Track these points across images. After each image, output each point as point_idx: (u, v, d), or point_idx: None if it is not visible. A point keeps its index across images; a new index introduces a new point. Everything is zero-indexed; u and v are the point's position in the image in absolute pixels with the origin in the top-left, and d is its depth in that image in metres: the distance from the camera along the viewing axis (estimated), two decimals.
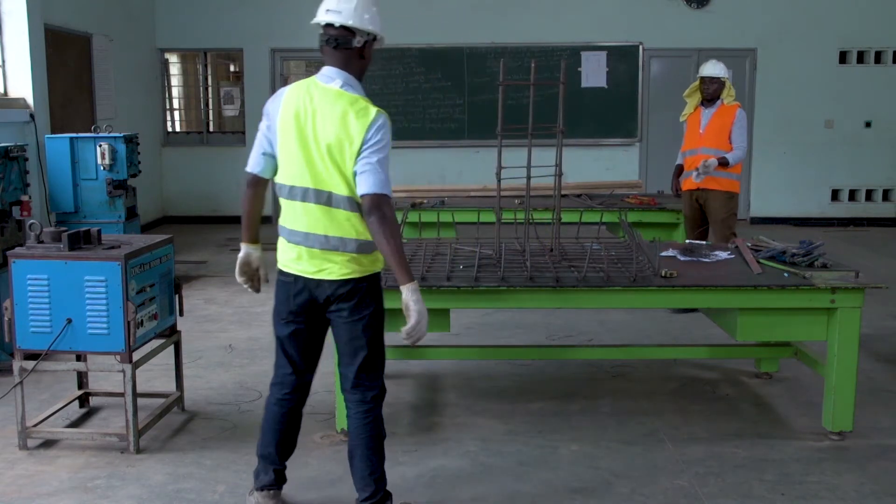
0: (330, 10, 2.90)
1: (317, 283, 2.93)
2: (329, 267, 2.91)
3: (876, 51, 10.65)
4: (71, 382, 4.47)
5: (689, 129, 6.20)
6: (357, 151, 2.82)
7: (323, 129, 2.86)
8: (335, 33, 2.90)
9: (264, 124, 3.00)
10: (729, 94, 6.03)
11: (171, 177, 10.95)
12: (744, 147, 5.95)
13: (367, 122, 2.83)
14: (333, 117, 2.85)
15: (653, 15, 10.60)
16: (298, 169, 2.90)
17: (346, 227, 2.89)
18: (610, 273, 3.83)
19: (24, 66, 7.05)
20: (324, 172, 2.86)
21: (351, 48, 2.90)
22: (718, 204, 5.99)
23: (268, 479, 3.16)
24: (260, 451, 3.18)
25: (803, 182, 10.75)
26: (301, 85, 2.97)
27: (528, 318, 6.01)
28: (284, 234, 2.99)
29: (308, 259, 2.93)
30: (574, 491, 3.41)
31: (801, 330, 3.88)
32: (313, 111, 2.88)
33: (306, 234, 2.92)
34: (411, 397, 4.51)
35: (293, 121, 2.90)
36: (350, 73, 2.93)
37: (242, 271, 3.16)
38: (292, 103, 2.92)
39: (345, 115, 2.84)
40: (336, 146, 2.84)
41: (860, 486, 3.46)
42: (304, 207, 2.91)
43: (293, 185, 2.92)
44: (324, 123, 2.86)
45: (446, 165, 10.79)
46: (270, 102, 3.00)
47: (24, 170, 5.19)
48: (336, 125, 2.84)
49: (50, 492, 3.39)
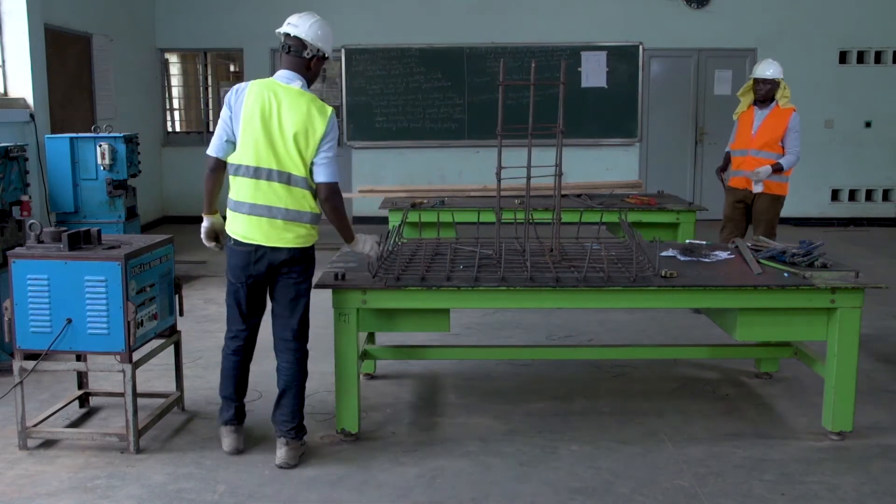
0: (290, 23, 3.62)
1: (275, 250, 3.54)
2: (287, 236, 3.54)
3: (876, 51, 10.66)
4: (71, 382, 4.47)
5: (739, 128, 6.10)
6: (318, 141, 3.50)
7: (289, 121, 3.48)
8: (292, 43, 3.59)
9: (226, 114, 3.56)
10: (784, 94, 5.93)
11: (171, 177, 10.95)
12: (798, 152, 5.88)
13: (326, 118, 3.52)
14: (300, 111, 3.49)
15: (653, 15, 10.60)
16: (264, 153, 3.49)
17: (301, 202, 3.54)
18: (610, 273, 3.83)
19: (24, 66, 7.05)
20: (286, 157, 3.50)
21: (301, 57, 3.58)
22: (766, 206, 5.96)
23: (229, 416, 3.80)
24: (222, 394, 3.82)
25: (803, 182, 10.69)
26: (262, 83, 3.57)
27: (528, 318, 6.01)
28: (244, 209, 3.54)
29: (269, 229, 3.52)
30: (574, 491, 3.41)
31: (801, 330, 3.88)
32: (278, 105, 3.50)
33: (269, 208, 3.52)
34: (411, 397, 4.51)
35: (258, 113, 3.49)
36: (304, 78, 3.60)
37: (210, 237, 3.78)
38: (257, 98, 3.51)
39: (309, 110, 3.51)
40: (301, 135, 3.49)
41: (860, 486, 3.46)
42: (269, 185, 3.51)
43: (258, 167, 3.50)
44: (290, 116, 3.49)
45: (446, 165, 10.79)
46: (233, 96, 3.56)
47: (24, 170, 5.19)
48: (302, 118, 3.49)
49: (50, 492, 3.39)
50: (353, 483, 3.48)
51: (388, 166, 10.73)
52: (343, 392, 3.81)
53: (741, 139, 6.06)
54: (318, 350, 5.24)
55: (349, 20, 10.44)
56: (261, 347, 5.00)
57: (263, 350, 3.99)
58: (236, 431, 3.80)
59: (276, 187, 3.50)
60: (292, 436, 3.66)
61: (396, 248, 4.39)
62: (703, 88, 10.88)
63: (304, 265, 3.64)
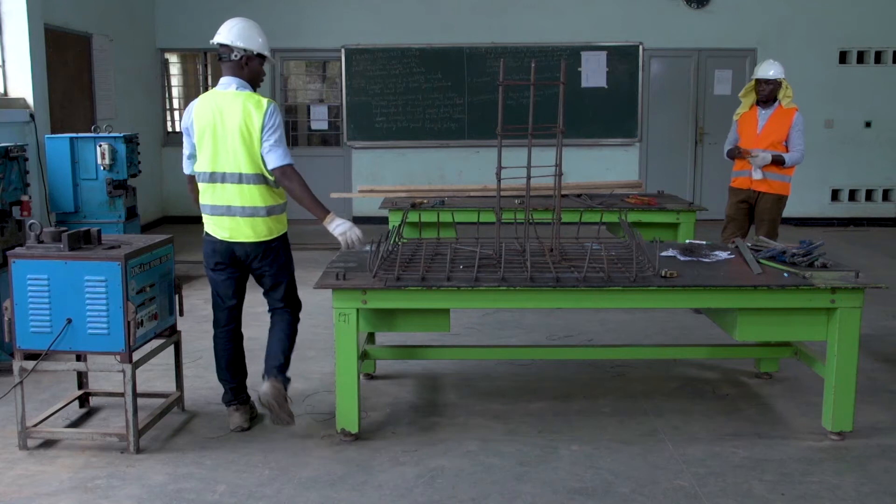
0: (218, 33, 3.92)
1: (238, 245, 3.87)
2: (247, 231, 3.84)
3: (876, 51, 10.65)
4: (71, 382, 4.47)
5: (742, 129, 6.10)
6: (259, 132, 3.75)
7: (231, 123, 3.76)
8: (220, 49, 3.89)
9: (185, 136, 3.93)
10: (786, 94, 5.95)
11: (171, 177, 10.93)
12: (802, 150, 5.91)
13: (262, 110, 3.77)
14: (236, 111, 3.76)
15: (653, 15, 10.60)
16: (219, 158, 3.80)
17: (255, 198, 3.82)
18: (610, 273, 3.83)
19: (24, 66, 7.04)
20: (235, 158, 3.78)
21: (231, 60, 3.86)
22: (769, 205, 5.98)
23: (228, 397, 4.09)
24: (218, 377, 4.12)
25: (803, 182, 10.67)
26: (205, 96, 3.88)
27: (528, 318, 6.01)
28: (207, 210, 3.90)
29: (231, 225, 3.84)
30: (574, 491, 3.41)
31: (801, 330, 3.88)
32: (220, 112, 3.78)
33: (228, 207, 3.83)
34: (411, 397, 4.51)
35: (207, 124, 3.80)
36: (241, 79, 3.86)
37: None
38: (203, 111, 3.82)
39: (245, 107, 3.76)
40: (245, 131, 3.75)
41: (860, 486, 3.46)
42: (224, 187, 3.82)
43: (214, 171, 3.82)
44: (231, 118, 3.76)
45: (446, 165, 10.79)
46: (185, 117, 3.90)
47: (24, 170, 5.19)
48: (240, 117, 3.75)
49: (50, 492, 3.39)
50: (353, 483, 3.48)
51: (388, 166, 10.73)
52: (343, 392, 3.81)
53: (746, 140, 6.06)
54: (318, 350, 5.26)
55: (349, 20, 10.45)
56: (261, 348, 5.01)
57: (263, 350, 3.99)
58: (237, 410, 4.06)
59: (229, 188, 3.81)
60: (275, 372, 3.90)
61: (396, 248, 4.38)
62: (703, 88, 10.88)
63: (273, 257, 3.93)
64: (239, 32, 3.87)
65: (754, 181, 5.98)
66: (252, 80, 3.89)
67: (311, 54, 10.86)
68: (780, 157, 5.85)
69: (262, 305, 3.97)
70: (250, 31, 3.91)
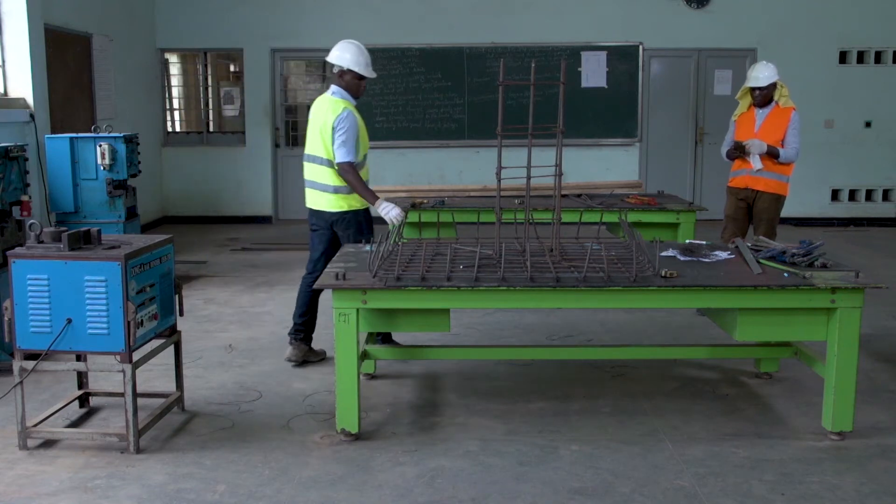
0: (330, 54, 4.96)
1: (318, 212, 4.93)
2: (320, 201, 4.91)
3: (876, 51, 10.65)
4: (71, 382, 4.47)
5: (740, 129, 6.09)
6: (331, 130, 4.77)
7: (319, 118, 4.88)
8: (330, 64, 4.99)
9: None
10: (782, 94, 5.95)
11: (171, 177, 10.95)
12: (797, 148, 5.90)
13: (335, 114, 4.77)
14: (323, 111, 4.87)
15: (653, 15, 10.60)
16: (308, 144, 4.95)
17: (326, 177, 4.86)
18: (610, 273, 3.83)
19: (24, 66, 7.05)
20: (316, 146, 4.87)
21: (333, 73, 4.95)
22: (767, 205, 5.98)
23: (291, 330, 5.00)
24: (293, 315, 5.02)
25: (803, 182, 10.69)
26: (318, 98, 5.03)
27: (528, 318, 6.01)
28: (306, 184, 4.98)
29: (311, 195, 4.96)
30: (574, 491, 3.41)
31: (801, 330, 3.88)
32: (317, 109, 4.95)
33: (312, 182, 4.94)
34: (411, 397, 4.51)
35: (312, 117, 4.98)
36: (339, 87, 4.90)
37: None
38: (313, 108, 5.02)
39: (327, 109, 4.85)
40: (324, 127, 4.81)
41: (860, 486, 3.46)
42: (310, 167, 4.94)
43: (306, 153, 4.97)
44: (320, 115, 4.89)
45: (446, 165, 10.80)
46: None
47: (24, 170, 5.19)
48: (323, 115, 4.85)
49: (50, 492, 3.39)
50: (353, 483, 3.48)
51: (388, 166, 10.72)
52: (343, 392, 3.81)
53: (744, 138, 6.06)
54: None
55: (349, 20, 10.44)
56: (262, 348, 5.01)
57: (263, 350, 4.01)
58: (291, 344, 4.94)
59: (312, 167, 4.92)
60: (291, 334, 4.95)
61: (396, 248, 4.38)
62: (702, 88, 10.89)
63: (344, 225, 4.88)
64: (335, 51, 4.89)
65: (752, 177, 5.96)
66: (349, 90, 4.88)
67: (311, 54, 10.85)
68: (774, 150, 5.85)
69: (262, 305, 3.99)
70: (342, 52, 4.86)
